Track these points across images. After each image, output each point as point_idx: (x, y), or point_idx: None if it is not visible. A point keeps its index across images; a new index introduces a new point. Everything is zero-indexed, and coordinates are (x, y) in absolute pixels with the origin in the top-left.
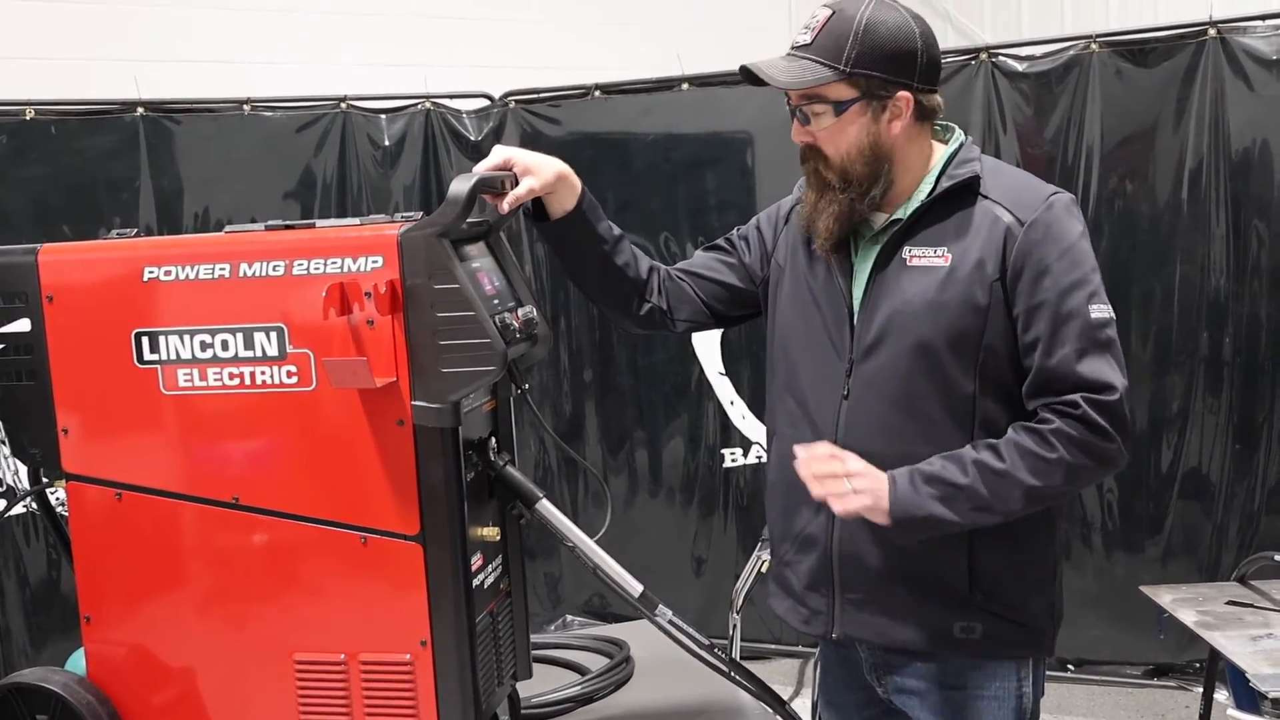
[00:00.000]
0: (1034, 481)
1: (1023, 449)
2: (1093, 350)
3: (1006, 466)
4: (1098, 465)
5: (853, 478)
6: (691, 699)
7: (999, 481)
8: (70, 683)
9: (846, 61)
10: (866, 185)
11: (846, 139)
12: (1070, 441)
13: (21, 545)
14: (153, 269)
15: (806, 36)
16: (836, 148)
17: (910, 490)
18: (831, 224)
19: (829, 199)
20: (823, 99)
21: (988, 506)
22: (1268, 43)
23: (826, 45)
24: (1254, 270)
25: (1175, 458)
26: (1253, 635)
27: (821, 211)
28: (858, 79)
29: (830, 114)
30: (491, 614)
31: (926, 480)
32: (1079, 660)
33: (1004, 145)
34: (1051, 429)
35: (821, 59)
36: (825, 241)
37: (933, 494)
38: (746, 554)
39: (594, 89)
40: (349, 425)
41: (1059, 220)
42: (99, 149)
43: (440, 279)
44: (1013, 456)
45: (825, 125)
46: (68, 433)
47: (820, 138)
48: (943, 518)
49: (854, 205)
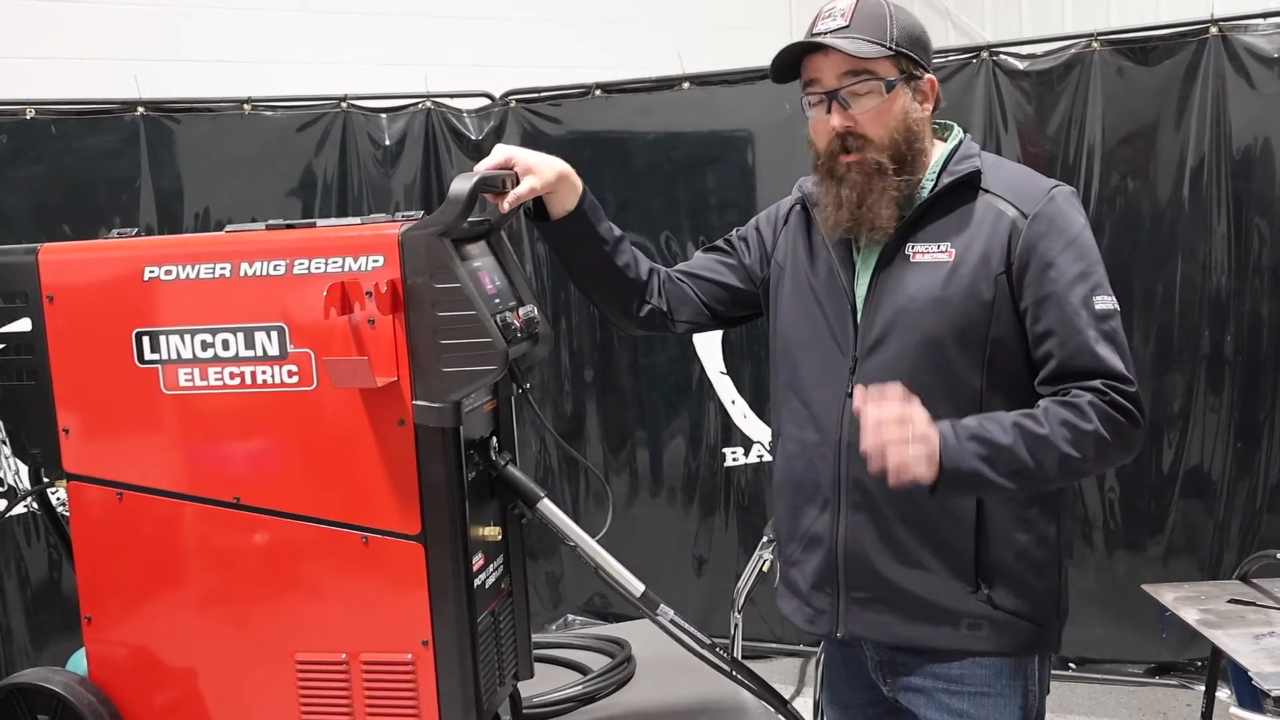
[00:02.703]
0: (1071, 451)
1: (1060, 418)
2: (1104, 340)
3: (1046, 432)
4: (1122, 447)
5: (915, 426)
6: (693, 698)
7: (1038, 446)
8: (72, 683)
9: (891, 40)
10: (914, 166)
11: (894, 118)
12: (1104, 417)
13: (22, 545)
14: (153, 268)
15: (840, 20)
16: (885, 127)
17: (956, 444)
18: (893, 210)
19: (882, 187)
20: (874, 76)
21: (1026, 471)
22: (1269, 40)
23: (867, 25)
24: (1255, 268)
25: (1177, 456)
26: (1255, 633)
27: (877, 201)
28: (900, 59)
29: (879, 93)
30: (493, 613)
31: (970, 437)
32: (1081, 659)
33: (1005, 143)
34: (1086, 401)
35: (869, 37)
36: (885, 232)
37: (976, 451)
38: (748, 553)
39: (594, 88)
40: (350, 425)
41: (1062, 212)
42: (99, 148)
43: (441, 278)
44: (1051, 423)
45: (871, 106)
46: (69, 433)
47: (864, 120)
48: (985, 476)
49: (908, 186)
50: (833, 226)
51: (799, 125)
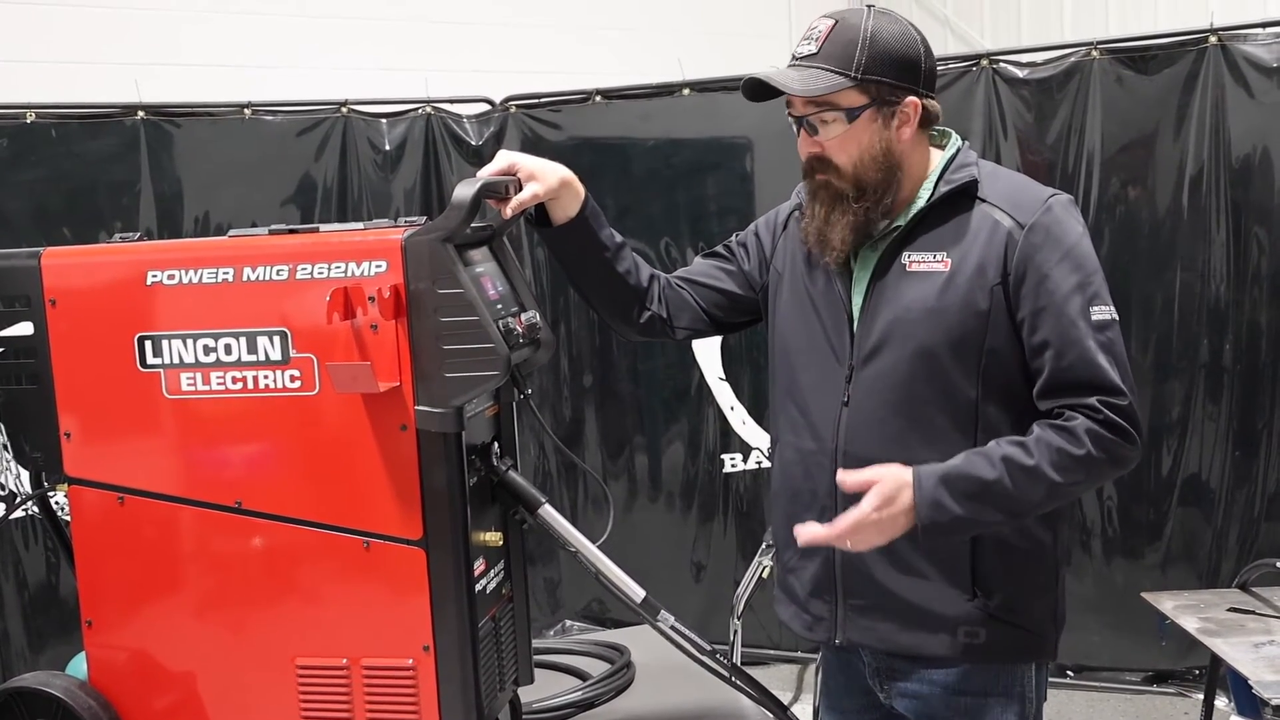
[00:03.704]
0: (1058, 478)
1: (1051, 445)
2: (1101, 353)
3: (1034, 462)
4: (1116, 465)
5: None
6: (692, 704)
7: (1026, 477)
8: (72, 687)
9: (857, 68)
10: (880, 193)
11: (859, 146)
12: (1097, 440)
13: (21, 549)
14: (156, 273)
15: (811, 46)
16: (849, 156)
17: (934, 491)
18: (848, 235)
19: (841, 211)
20: (834, 106)
21: (1012, 504)
22: (1268, 50)
23: (834, 53)
24: (1254, 277)
25: (1175, 464)
26: (1255, 642)
27: (835, 225)
28: (868, 85)
29: (842, 121)
30: (494, 619)
31: (954, 478)
32: (1079, 666)
33: (1005, 152)
34: (1079, 425)
35: (832, 67)
36: (839, 254)
37: (961, 491)
38: (746, 559)
39: (595, 94)
40: (352, 430)
41: (1059, 222)
42: (100, 153)
43: (444, 284)
44: (1040, 452)
45: (836, 134)
46: (70, 436)
47: (830, 147)
48: (970, 518)
49: (869, 215)
50: (804, 237)
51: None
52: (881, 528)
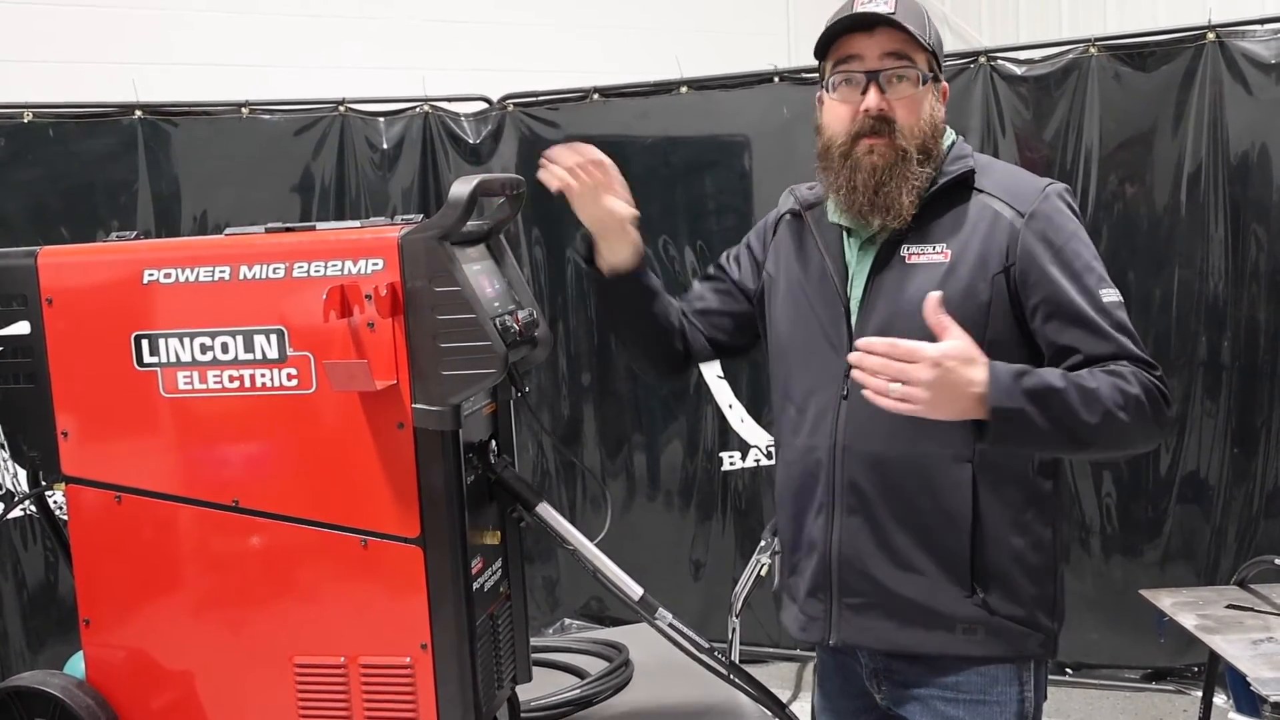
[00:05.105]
0: (1116, 410)
1: (1107, 380)
2: (1119, 331)
3: (1095, 386)
4: (1156, 424)
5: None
6: (691, 702)
7: (1086, 398)
8: (70, 686)
9: (926, 37)
10: (936, 162)
11: (924, 110)
12: (1145, 389)
13: (19, 548)
14: (152, 271)
15: (885, 6)
16: (917, 117)
17: (1008, 379)
18: (915, 198)
19: (903, 173)
20: (914, 64)
21: (1073, 422)
22: (1266, 47)
23: (910, 16)
24: (1252, 274)
25: (1174, 461)
26: (1253, 639)
27: (900, 186)
28: (932, 58)
29: (913, 82)
30: (491, 617)
31: (1019, 374)
32: (1077, 664)
33: (1003, 148)
34: (1128, 370)
35: (914, 26)
36: (906, 216)
37: (1028, 387)
38: (745, 558)
39: (592, 92)
40: (349, 428)
41: (1059, 210)
42: (97, 152)
43: (441, 281)
44: (1099, 381)
45: (908, 93)
46: (67, 435)
47: (899, 106)
48: (1032, 419)
49: (926, 180)
50: (847, 208)
51: (796, 130)
52: (944, 383)
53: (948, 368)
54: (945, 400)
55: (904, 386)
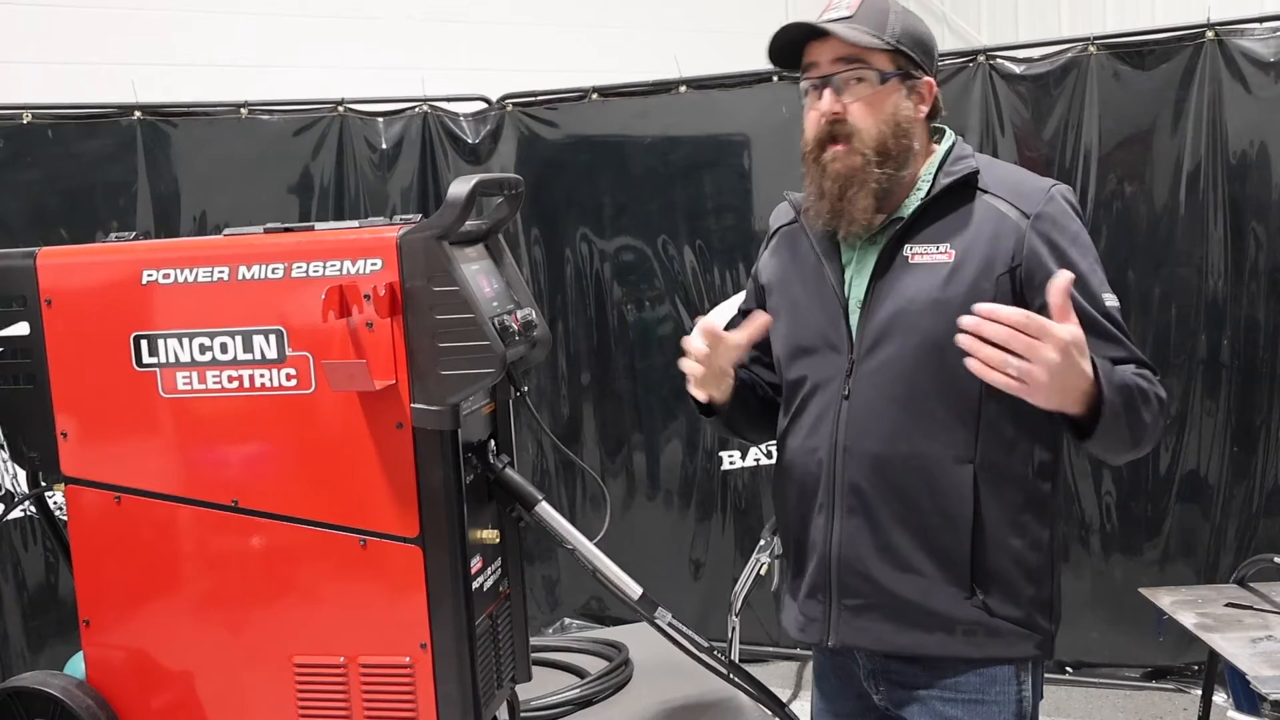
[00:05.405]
0: (1158, 413)
1: (1138, 380)
2: (1126, 336)
3: (1146, 387)
4: (1164, 417)
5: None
6: (690, 701)
7: (1144, 396)
8: (70, 686)
9: (891, 34)
10: (899, 163)
11: (884, 112)
12: (1157, 394)
13: (19, 549)
14: (151, 272)
15: (844, 10)
16: (874, 118)
17: (1108, 372)
18: (869, 203)
19: (860, 181)
20: (868, 65)
21: (1136, 420)
22: (1265, 45)
23: (870, 17)
24: (1252, 272)
25: (1173, 460)
26: (1253, 637)
27: (854, 197)
28: (899, 56)
29: (871, 83)
30: (491, 616)
31: (1108, 370)
32: (1077, 663)
33: (1002, 147)
34: (1145, 373)
35: (868, 28)
36: (861, 225)
37: (1117, 382)
38: (745, 557)
39: (591, 91)
40: (348, 428)
41: (1065, 211)
42: (96, 153)
43: (440, 281)
44: (1139, 379)
45: (864, 95)
46: (66, 436)
47: (854, 110)
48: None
49: (890, 184)
50: (814, 217)
51: (796, 129)
52: (1064, 368)
53: (1073, 353)
54: (1058, 386)
55: (1025, 364)
